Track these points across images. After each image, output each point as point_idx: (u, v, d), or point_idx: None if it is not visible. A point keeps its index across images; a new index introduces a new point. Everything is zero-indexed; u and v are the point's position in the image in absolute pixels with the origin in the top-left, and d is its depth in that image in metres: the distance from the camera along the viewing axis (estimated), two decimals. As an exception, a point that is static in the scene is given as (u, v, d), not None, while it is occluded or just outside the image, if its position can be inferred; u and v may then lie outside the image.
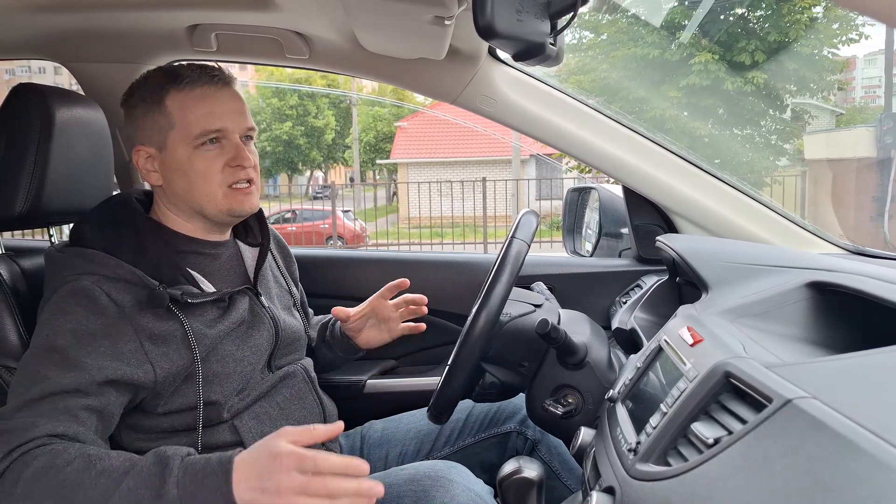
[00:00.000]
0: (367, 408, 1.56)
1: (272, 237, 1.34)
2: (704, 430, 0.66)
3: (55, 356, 0.97)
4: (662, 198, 1.60)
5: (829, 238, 1.55)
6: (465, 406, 1.42)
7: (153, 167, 1.15)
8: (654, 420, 0.77)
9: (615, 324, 1.39)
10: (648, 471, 0.72)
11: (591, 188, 2.00)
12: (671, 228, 1.64)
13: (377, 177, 30.36)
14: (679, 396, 0.75)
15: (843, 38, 12.24)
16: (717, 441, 0.64)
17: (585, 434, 1.00)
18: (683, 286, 1.37)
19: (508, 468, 1.00)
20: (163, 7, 1.39)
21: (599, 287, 1.70)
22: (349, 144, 25.57)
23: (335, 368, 1.49)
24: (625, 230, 1.79)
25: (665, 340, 0.91)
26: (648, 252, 1.65)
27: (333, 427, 0.87)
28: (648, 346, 0.99)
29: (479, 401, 1.25)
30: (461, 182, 11.67)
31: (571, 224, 2.09)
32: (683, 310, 0.99)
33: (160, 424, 1.09)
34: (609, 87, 12.69)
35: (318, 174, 31.57)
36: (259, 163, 1.20)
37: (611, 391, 0.99)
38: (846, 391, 0.59)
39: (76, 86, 1.65)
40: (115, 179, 1.65)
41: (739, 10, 12.31)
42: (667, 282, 1.42)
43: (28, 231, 4.81)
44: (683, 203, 1.59)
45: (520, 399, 1.29)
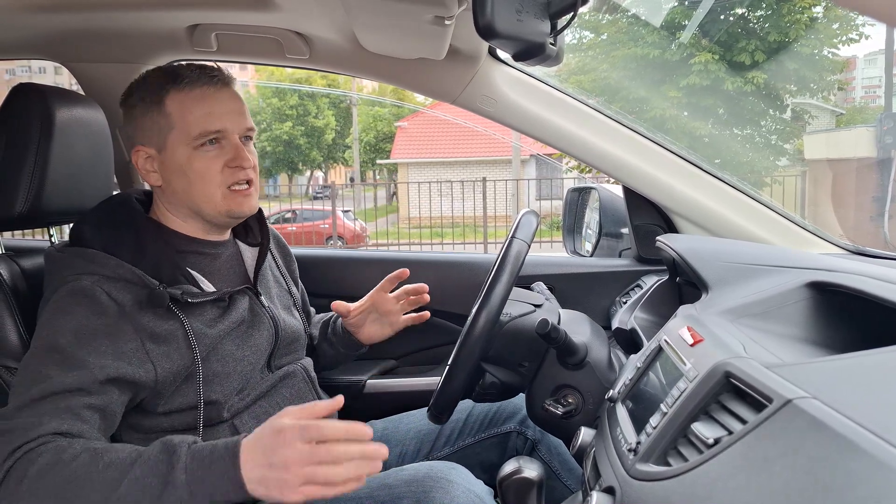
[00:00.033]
0: (367, 408, 1.56)
1: (272, 237, 1.34)
2: (704, 430, 0.66)
3: (57, 356, 0.97)
4: (662, 198, 1.60)
5: (830, 238, 1.55)
6: (465, 406, 1.42)
7: (152, 167, 1.15)
8: (655, 420, 0.77)
9: (615, 324, 1.39)
10: (648, 471, 0.71)
11: (592, 188, 2.00)
12: (671, 228, 1.64)
13: (377, 177, 30.35)
14: (679, 396, 0.75)
15: (843, 38, 12.25)
16: (718, 441, 0.64)
17: (585, 434, 1.00)
18: (683, 286, 1.37)
19: (508, 468, 0.99)
20: (163, 7, 1.39)
21: (599, 287, 1.70)
22: (349, 144, 25.56)
23: (337, 366, 1.48)
24: (625, 230, 1.79)
25: (665, 340, 0.91)
26: (648, 252, 1.65)
27: (334, 402, 0.89)
28: (648, 346, 0.99)
29: (479, 401, 1.24)
30: (461, 182, 11.67)
31: (571, 224, 2.09)
32: (683, 310, 0.99)
33: (160, 424, 1.09)
34: (609, 87, 12.70)
35: (319, 174, 31.56)
36: (259, 163, 1.20)
37: (611, 391, 0.99)
38: (846, 391, 0.59)
39: (76, 86, 1.65)
40: (115, 179, 1.65)
41: (739, 10, 12.31)
42: (667, 282, 1.42)
43: (28, 231, 4.82)
44: (683, 203, 1.59)
45: (520, 399, 1.29)
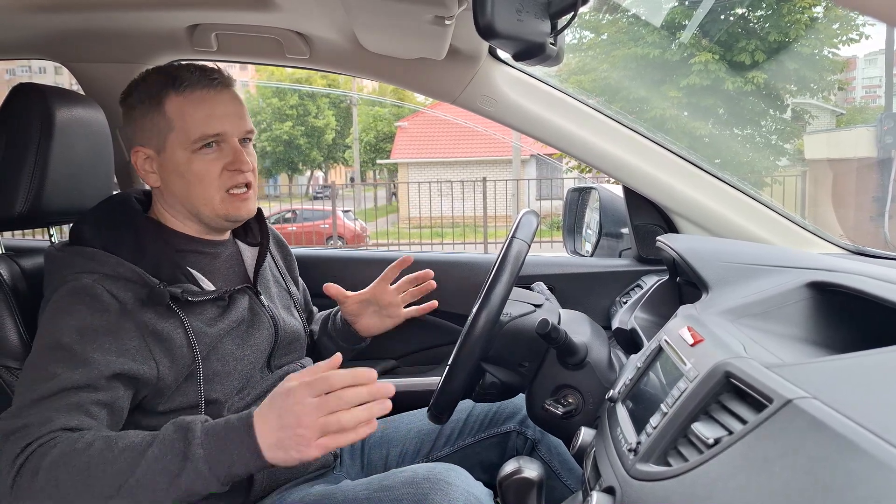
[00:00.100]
0: None
1: (272, 237, 1.34)
2: (705, 431, 0.66)
3: (61, 353, 0.98)
4: (663, 198, 1.60)
5: (830, 238, 1.55)
6: (465, 406, 1.42)
7: (151, 168, 1.15)
8: (655, 420, 0.77)
9: (615, 324, 1.39)
10: (649, 471, 0.71)
11: (592, 188, 2.00)
12: (671, 228, 1.64)
13: (377, 177, 30.34)
14: (679, 396, 0.75)
15: (844, 38, 12.25)
16: (718, 441, 0.64)
17: (585, 434, 0.99)
18: (684, 286, 1.37)
19: (508, 468, 0.99)
20: (163, 7, 1.39)
21: (599, 287, 1.70)
22: (349, 144, 25.56)
23: None
24: (625, 230, 1.79)
25: (665, 340, 0.91)
26: (649, 252, 1.65)
27: (332, 360, 0.91)
28: (649, 346, 0.98)
29: (480, 401, 1.24)
30: (461, 182, 11.67)
31: (571, 224, 2.09)
32: (684, 310, 0.99)
33: (161, 423, 1.08)
34: (609, 87, 12.69)
35: (319, 174, 31.55)
36: (259, 163, 1.20)
37: (611, 391, 0.98)
38: (846, 391, 0.59)
39: (76, 86, 1.65)
40: (115, 179, 1.65)
41: (739, 10, 12.31)
42: (667, 282, 1.42)
43: (28, 231, 4.81)
44: (684, 203, 1.59)
45: (520, 399, 1.29)
